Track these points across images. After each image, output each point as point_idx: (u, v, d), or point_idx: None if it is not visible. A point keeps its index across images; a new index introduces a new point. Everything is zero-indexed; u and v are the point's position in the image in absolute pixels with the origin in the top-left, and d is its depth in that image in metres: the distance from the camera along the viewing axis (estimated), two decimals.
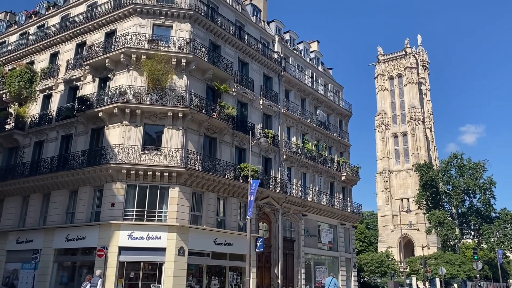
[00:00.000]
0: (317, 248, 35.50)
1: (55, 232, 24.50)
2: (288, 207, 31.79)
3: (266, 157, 31.24)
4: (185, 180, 23.74)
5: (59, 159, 26.12)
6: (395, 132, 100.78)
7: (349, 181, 40.59)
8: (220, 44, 29.08)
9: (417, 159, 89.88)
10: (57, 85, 28.99)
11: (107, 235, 22.15)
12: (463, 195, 69.22)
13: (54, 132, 27.58)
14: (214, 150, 26.95)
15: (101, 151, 24.01)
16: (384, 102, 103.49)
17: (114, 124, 24.43)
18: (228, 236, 25.90)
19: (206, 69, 26.51)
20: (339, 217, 37.97)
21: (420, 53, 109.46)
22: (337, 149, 40.61)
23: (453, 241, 69.37)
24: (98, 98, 25.39)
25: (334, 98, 42.51)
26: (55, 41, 30.40)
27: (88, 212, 24.07)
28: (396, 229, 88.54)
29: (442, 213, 67.80)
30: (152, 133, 24.73)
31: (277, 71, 34.12)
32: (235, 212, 27.51)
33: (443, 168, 72.79)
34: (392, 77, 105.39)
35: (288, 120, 34.21)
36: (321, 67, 43.58)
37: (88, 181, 24.19)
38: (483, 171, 68.90)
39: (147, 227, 22.61)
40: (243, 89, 29.86)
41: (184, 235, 23.02)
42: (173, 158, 23.55)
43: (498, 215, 68.73)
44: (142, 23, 26.28)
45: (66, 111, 27.23)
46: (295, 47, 39.66)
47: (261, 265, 28.90)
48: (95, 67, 26.47)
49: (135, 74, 25.06)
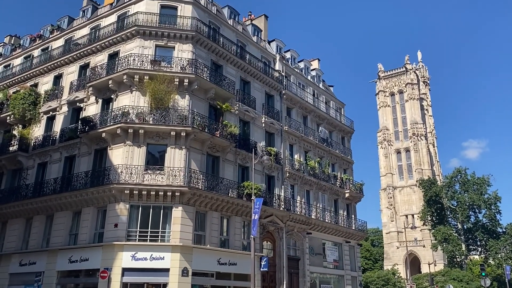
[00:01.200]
0: (322, 266, 35.11)
1: (58, 254, 24.35)
2: (292, 225, 31.58)
3: (269, 175, 31.20)
4: (188, 200, 23.68)
5: (62, 180, 26.15)
6: (397, 148, 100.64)
7: (353, 198, 40.38)
8: (222, 63, 29.39)
9: (421, 175, 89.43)
10: (61, 106, 29.23)
11: (110, 256, 21.99)
12: (468, 210, 68.61)
13: (57, 153, 27.69)
14: (217, 168, 26.95)
15: (104, 172, 24.05)
16: (386, 118, 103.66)
17: (117, 145, 24.53)
18: (232, 255, 25.67)
19: (208, 88, 26.73)
20: (344, 234, 37.65)
21: (420, 69, 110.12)
22: (340, 166, 40.54)
23: (460, 258, 68.47)
24: (101, 119, 25.57)
25: (336, 115, 42.65)
26: (59, 64, 30.80)
27: (91, 233, 23.96)
28: (401, 246, 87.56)
29: (448, 229, 67.12)
30: (155, 153, 24.80)
31: (279, 89, 34.35)
32: (239, 231, 27.33)
33: (447, 184, 72.34)
34: (393, 93, 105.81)
35: (290, 138, 34.28)
36: (322, 85, 43.87)
37: (91, 202, 24.16)
38: (488, 186, 68.42)
39: (151, 248, 22.46)
40: (245, 108, 30.04)
41: (188, 255, 22.84)
42: (176, 177, 23.55)
43: (505, 230, 67.97)
44: (145, 45, 26.64)
45: (69, 132, 27.39)
46: (296, 66, 40.01)
47: (266, 285, 28.55)
48: (98, 88, 26.74)
49: (138, 95, 25.28)
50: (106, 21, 29.92)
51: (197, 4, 29.10)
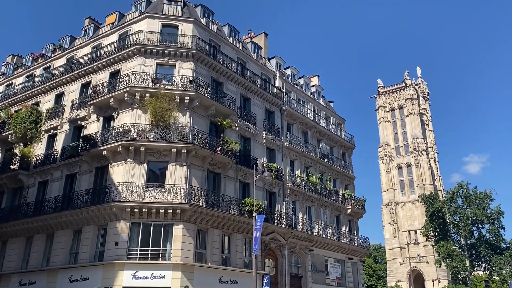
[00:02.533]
0: (325, 284, 34.67)
1: (58, 273, 24.12)
2: (294, 242, 31.32)
3: (271, 191, 31.10)
4: (189, 217, 23.56)
5: (63, 199, 26.08)
6: (399, 163, 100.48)
7: (355, 214, 40.15)
8: (223, 81, 29.59)
9: (423, 190, 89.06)
10: (62, 124, 29.35)
11: (111, 275, 21.79)
12: (471, 225, 68.02)
13: (58, 171, 27.67)
14: (218, 185, 26.89)
15: (105, 190, 24.00)
16: (387, 133, 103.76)
17: (118, 162, 24.53)
18: (234, 274, 25.41)
19: (209, 105, 26.86)
20: (347, 251, 37.31)
21: (420, 85, 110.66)
22: (342, 182, 40.43)
23: (464, 274, 67.60)
24: (103, 136, 25.64)
25: (337, 131, 42.73)
26: (61, 82, 31.04)
27: (91, 252, 23.78)
28: (404, 262, 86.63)
29: (451, 245, 66.45)
30: (156, 170, 24.79)
31: (279, 106, 34.50)
32: (240, 248, 27.10)
33: (449, 199, 71.91)
34: (393, 109, 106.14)
35: (291, 154, 34.27)
36: (322, 101, 44.07)
37: (92, 220, 24.04)
38: (490, 201, 68.01)
39: (151, 266, 22.26)
40: (246, 124, 30.12)
41: (189, 273, 22.62)
42: (177, 194, 23.49)
43: (509, 246, 67.32)
44: (146, 63, 26.88)
45: (70, 150, 27.43)
46: (296, 82, 40.27)
47: None
48: (99, 107, 26.88)
49: (139, 112, 25.40)
50: (108, 40, 30.26)
51: (197, 23, 29.46)
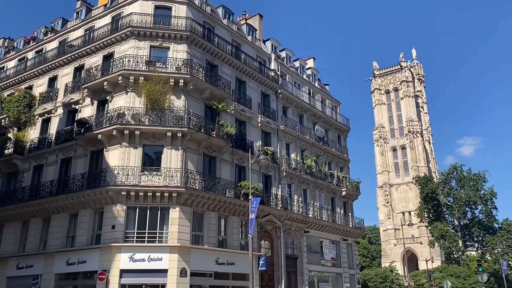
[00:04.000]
0: (320, 264, 35.17)
1: (55, 257, 24.27)
2: (289, 224, 31.61)
3: (266, 174, 31.21)
4: (186, 200, 23.66)
5: (58, 183, 26.05)
6: (393, 146, 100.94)
7: (350, 196, 40.48)
8: (217, 63, 29.37)
9: (417, 172, 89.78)
10: (56, 108, 29.13)
11: (108, 258, 21.94)
12: (464, 206, 68.94)
13: (53, 155, 27.59)
14: (213, 169, 26.94)
15: (101, 173, 23.98)
16: (382, 116, 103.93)
17: (113, 146, 24.47)
18: (230, 255, 25.67)
19: (204, 88, 26.71)
20: (341, 232, 37.73)
21: (415, 67, 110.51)
22: (337, 164, 40.62)
23: (457, 254, 68.80)
24: (97, 120, 25.50)
25: (332, 114, 42.72)
26: (53, 66, 30.68)
27: (88, 235, 23.89)
28: (399, 243, 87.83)
29: (445, 226, 67.40)
30: (152, 154, 24.75)
31: (274, 89, 34.37)
32: (237, 231, 27.33)
33: (443, 180, 72.66)
34: (388, 91, 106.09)
35: (287, 137, 34.30)
36: (317, 83, 43.93)
37: (88, 204, 24.09)
38: (484, 182, 68.77)
39: (148, 249, 22.43)
40: (241, 107, 30.04)
41: (186, 255, 22.83)
42: (173, 178, 23.52)
43: (501, 226, 68.37)
44: (139, 45, 26.58)
45: (65, 135, 27.30)
46: (291, 65, 40.05)
47: (265, 284, 28.57)
48: (93, 90, 26.66)
49: (133, 96, 25.23)
50: (100, 22, 29.83)
51: (191, 4, 29.06)
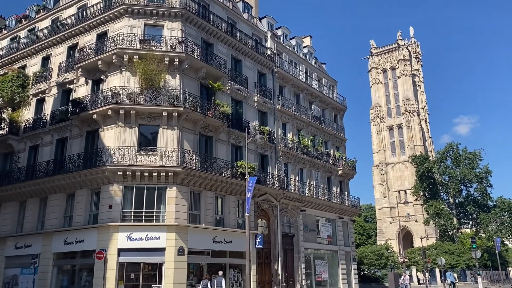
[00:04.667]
0: (316, 242, 35.60)
1: (53, 236, 24.42)
2: (286, 203, 31.83)
3: (263, 154, 31.24)
4: (182, 180, 23.71)
5: (54, 163, 26.00)
6: (390, 125, 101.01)
7: (346, 175, 40.69)
8: (213, 42, 29.00)
9: (413, 151, 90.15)
10: (50, 88, 28.83)
11: (105, 237, 22.09)
12: (459, 185, 69.65)
13: (48, 136, 27.45)
14: (210, 148, 26.91)
15: (97, 153, 23.92)
16: (379, 95, 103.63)
17: (108, 126, 24.34)
18: (227, 234, 25.90)
19: (199, 67, 26.44)
20: (337, 211, 38.07)
21: (412, 45, 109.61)
22: (333, 144, 40.68)
23: (451, 231, 69.83)
24: (92, 100, 25.28)
25: (329, 93, 42.53)
26: (46, 45, 30.22)
27: (86, 215, 23.99)
28: (394, 221, 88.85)
29: (440, 204, 68.21)
30: (148, 134, 24.65)
31: (271, 68, 34.09)
32: (234, 210, 27.50)
33: (439, 159, 73.15)
34: (385, 70, 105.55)
35: (283, 116, 34.20)
36: (314, 62, 43.58)
37: (85, 184, 24.11)
38: (479, 161, 69.35)
39: (146, 228, 22.58)
40: (237, 87, 29.82)
41: (183, 234, 23.01)
42: (169, 158, 23.49)
43: (495, 204, 69.20)
44: (133, 24, 26.16)
45: (60, 115, 27.10)
46: (287, 43, 39.62)
47: (261, 261, 28.95)
48: (87, 69, 26.35)
49: (128, 75, 24.97)
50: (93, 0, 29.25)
51: None
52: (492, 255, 60.65)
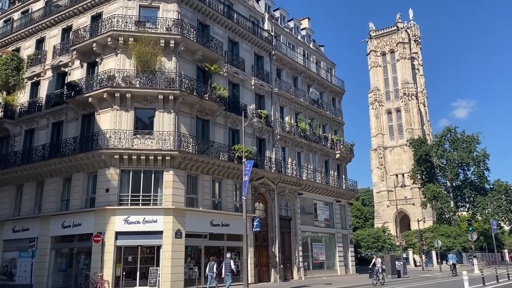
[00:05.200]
0: (314, 225, 35.77)
1: (50, 220, 24.44)
2: (283, 186, 31.86)
3: (260, 137, 31.12)
4: (179, 163, 23.62)
5: (51, 147, 25.87)
6: (388, 108, 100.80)
7: (344, 159, 40.68)
8: (209, 23, 28.60)
9: (411, 135, 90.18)
10: (45, 71, 28.51)
11: (103, 221, 22.10)
12: (457, 168, 69.88)
13: (44, 119, 27.25)
14: (207, 132, 26.76)
15: (93, 137, 23.77)
16: (377, 78, 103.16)
17: (104, 109, 24.13)
18: (225, 217, 25.96)
19: (195, 50, 26.10)
20: (335, 194, 38.16)
21: (411, 28, 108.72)
22: (331, 127, 40.56)
23: (448, 214, 70.32)
24: (87, 83, 25.02)
25: (327, 76, 42.21)
26: (40, 27, 29.78)
27: (83, 199, 23.97)
28: (391, 204, 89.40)
29: (437, 187, 68.55)
30: (144, 117, 24.45)
31: (268, 50, 33.71)
32: (231, 193, 27.51)
33: (437, 142, 73.22)
34: (384, 53, 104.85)
35: (281, 100, 33.98)
36: (312, 45, 43.14)
37: (81, 168, 24.02)
38: (477, 144, 69.49)
39: (143, 211, 22.58)
40: (234, 70, 29.52)
41: (181, 217, 23.04)
42: (166, 141, 23.36)
43: (492, 187, 69.59)
44: (128, 5, 25.71)
45: (55, 98, 26.85)
46: (285, 25, 39.14)
47: (259, 244, 29.09)
48: (82, 52, 26.01)
49: (123, 58, 24.65)
50: None
51: None
52: (488, 237, 61.25)
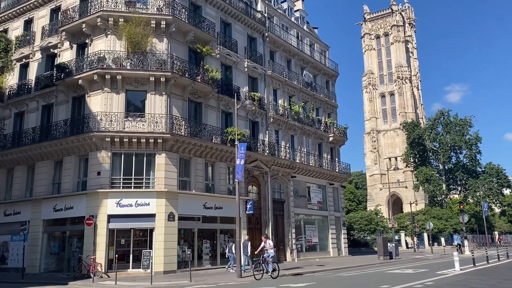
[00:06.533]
0: (307, 208, 35.93)
1: (42, 203, 24.29)
2: (277, 169, 31.84)
3: (253, 120, 30.94)
4: (171, 146, 23.46)
5: (41, 130, 25.55)
6: (382, 92, 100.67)
7: (337, 142, 40.69)
8: (201, 4, 28.10)
9: (405, 118, 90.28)
10: (34, 53, 27.98)
11: (95, 204, 21.99)
12: (449, 151, 70.28)
13: (34, 102, 26.85)
14: (199, 115, 26.54)
15: (84, 120, 23.49)
16: (371, 61, 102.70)
17: (95, 92, 23.79)
18: (218, 200, 25.95)
19: (187, 31, 25.68)
20: (328, 177, 38.26)
21: (406, 11, 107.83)
22: (325, 110, 40.43)
23: (440, 197, 71.00)
24: (77, 65, 24.61)
25: (320, 59, 41.90)
26: (29, 7, 29.14)
27: (74, 182, 23.79)
28: (384, 187, 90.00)
29: (429, 170, 69.01)
30: (135, 99, 24.16)
31: (261, 32, 33.28)
32: (224, 176, 27.46)
33: (430, 126, 73.43)
34: (378, 36, 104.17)
35: (274, 82, 33.71)
36: (306, 27, 42.69)
37: (72, 151, 23.78)
38: (469, 127, 69.76)
39: (135, 194, 22.47)
40: (227, 51, 29.14)
41: (173, 200, 22.98)
42: (157, 124, 23.13)
43: (484, 170, 70.18)
44: None
45: (45, 80, 26.43)
46: (279, 6, 38.61)
47: (252, 226, 29.20)
48: (72, 33, 25.53)
49: (113, 39, 24.20)
50: None
51: None
52: (479, 219, 61.97)
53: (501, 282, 15.42)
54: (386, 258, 31.90)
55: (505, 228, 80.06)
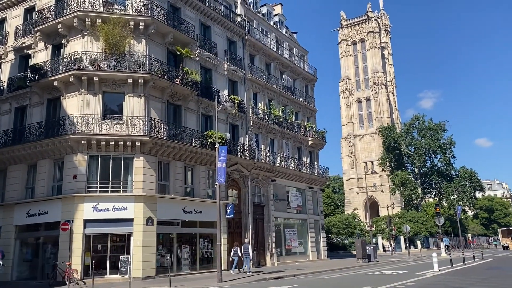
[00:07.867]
0: (287, 212, 35.89)
1: (15, 208, 23.45)
2: (257, 173, 31.72)
3: (233, 124, 30.77)
4: (150, 149, 23.03)
5: (14, 132, 24.71)
6: (359, 97, 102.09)
7: (316, 146, 40.90)
8: (180, 6, 27.84)
9: (381, 123, 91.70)
10: (7, 54, 27.12)
11: (70, 208, 21.34)
12: (424, 155, 71.70)
13: (6, 104, 25.98)
14: (179, 117, 26.18)
15: (59, 122, 22.82)
16: (348, 67, 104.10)
17: (71, 93, 23.17)
18: (198, 204, 25.60)
19: (166, 32, 25.37)
20: (307, 181, 38.36)
21: (382, 17, 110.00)
22: (304, 114, 40.61)
23: (416, 200, 72.28)
24: (53, 66, 23.94)
25: (300, 63, 42.13)
26: (1, 7, 28.30)
27: (49, 186, 23.05)
28: (361, 191, 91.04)
29: (405, 174, 70.18)
30: (112, 102, 23.59)
31: (241, 35, 33.22)
32: (204, 180, 27.13)
33: (405, 131, 74.84)
34: (355, 42, 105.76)
35: (254, 86, 33.66)
36: (285, 31, 42.89)
37: (47, 154, 23.06)
38: (444, 132, 71.38)
39: (113, 198, 21.92)
40: (206, 54, 28.92)
41: (152, 204, 22.53)
42: (135, 126, 22.68)
43: (457, 174, 71.82)
44: None
45: (18, 82, 25.63)
46: (258, 10, 38.68)
47: (232, 230, 28.93)
48: (47, 34, 24.86)
49: (90, 40, 23.68)
50: None
51: None
52: (453, 222, 63.33)
53: (480, 282, 15.74)
54: (365, 261, 32.09)
55: (477, 230, 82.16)
